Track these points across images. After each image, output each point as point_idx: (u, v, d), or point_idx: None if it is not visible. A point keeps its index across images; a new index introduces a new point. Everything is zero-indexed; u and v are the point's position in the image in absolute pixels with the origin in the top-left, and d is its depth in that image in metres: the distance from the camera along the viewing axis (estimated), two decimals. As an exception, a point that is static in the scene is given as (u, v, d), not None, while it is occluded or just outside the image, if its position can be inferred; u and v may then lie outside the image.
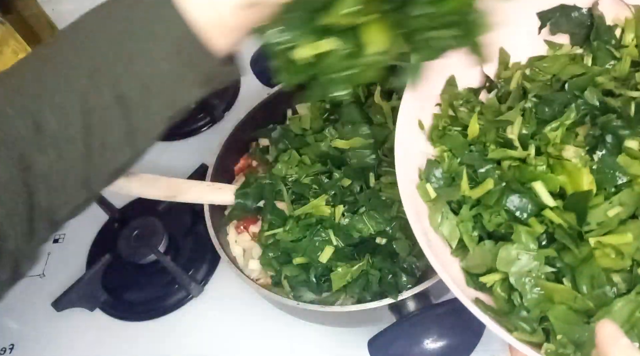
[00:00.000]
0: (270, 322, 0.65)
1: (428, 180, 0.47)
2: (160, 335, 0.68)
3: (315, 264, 0.55)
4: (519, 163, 0.45)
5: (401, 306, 0.51)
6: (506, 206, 0.43)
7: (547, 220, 0.42)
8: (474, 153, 0.47)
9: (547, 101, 0.48)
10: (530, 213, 0.42)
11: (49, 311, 0.69)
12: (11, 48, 0.95)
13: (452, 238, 0.44)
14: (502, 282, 0.42)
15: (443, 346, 0.47)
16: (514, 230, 0.42)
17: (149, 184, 0.60)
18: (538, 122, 0.47)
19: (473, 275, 0.43)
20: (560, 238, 0.41)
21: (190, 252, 0.73)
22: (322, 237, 0.56)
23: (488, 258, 0.42)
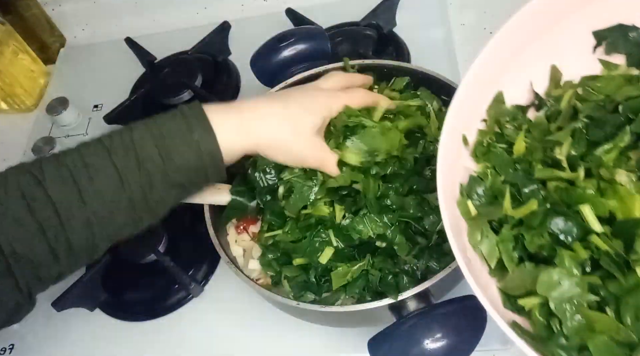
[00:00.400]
0: (270, 322, 0.65)
1: (469, 196, 0.45)
2: (160, 335, 0.68)
3: (315, 265, 0.55)
4: (566, 185, 0.43)
5: (401, 306, 0.51)
6: (550, 228, 0.41)
7: (593, 245, 0.40)
8: (518, 172, 0.45)
9: (600, 122, 0.45)
10: (575, 238, 0.40)
11: (49, 311, 0.69)
12: (11, 48, 0.95)
13: (491, 258, 0.43)
14: (542, 307, 0.40)
15: (443, 346, 0.47)
16: (557, 253, 0.40)
17: None
18: (588, 144, 0.45)
19: (511, 297, 0.42)
20: (606, 265, 0.39)
21: (190, 252, 0.73)
22: (322, 237, 0.55)
23: (528, 280, 0.40)
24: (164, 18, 1.03)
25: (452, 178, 0.46)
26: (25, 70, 0.97)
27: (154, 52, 0.96)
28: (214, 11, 1.01)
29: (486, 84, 0.48)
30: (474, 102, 0.47)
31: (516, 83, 0.50)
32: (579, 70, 0.51)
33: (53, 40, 1.07)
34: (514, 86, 0.50)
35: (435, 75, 0.64)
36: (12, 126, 0.97)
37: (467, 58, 0.82)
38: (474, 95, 0.47)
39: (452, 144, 0.46)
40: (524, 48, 0.50)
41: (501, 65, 0.49)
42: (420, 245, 0.54)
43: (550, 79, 0.52)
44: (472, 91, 0.47)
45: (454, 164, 0.46)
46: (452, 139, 0.46)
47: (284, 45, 0.69)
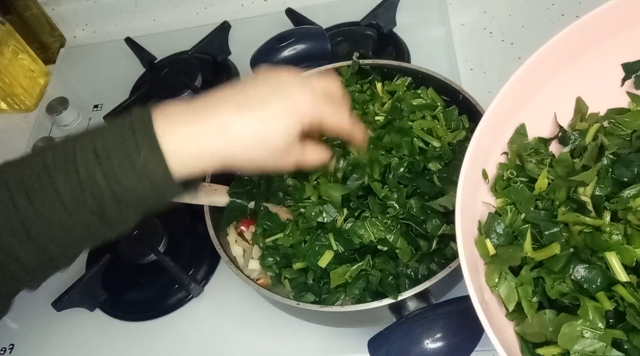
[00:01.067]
0: (270, 322, 0.65)
1: (488, 235, 0.44)
2: (160, 335, 0.68)
3: (314, 268, 0.55)
4: (591, 229, 0.41)
5: (401, 306, 0.51)
6: (573, 275, 0.39)
7: (618, 296, 0.38)
8: (540, 211, 0.44)
9: (626, 161, 0.43)
10: (600, 287, 0.39)
11: (49, 311, 0.69)
12: (11, 48, 0.95)
13: (510, 301, 0.41)
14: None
15: (443, 346, 0.47)
16: (580, 302, 0.38)
17: None
18: (614, 183, 0.43)
19: (529, 343, 0.40)
20: (631, 319, 0.37)
21: (190, 252, 0.73)
22: (322, 241, 0.55)
23: (548, 328, 0.39)
24: (164, 18, 1.03)
25: (470, 214, 0.44)
26: (25, 70, 0.97)
27: (154, 52, 0.96)
28: (214, 11, 1.01)
29: (509, 115, 0.47)
30: (495, 134, 0.46)
31: (539, 115, 0.49)
32: (605, 103, 0.49)
33: (53, 40, 1.07)
34: (536, 118, 0.49)
35: (435, 75, 0.64)
36: (12, 126, 0.97)
37: (467, 58, 0.82)
38: (495, 127, 0.45)
39: (472, 179, 0.44)
40: (549, 78, 0.48)
41: (525, 95, 0.48)
42: (422, 251, 0.54)
43: (575, 111, 0.50)
44: (495, 122, 0.45)
45: (472, 200, 0.45)
46: (472, 173, 0.44)
47: (284, 45, 0.69)
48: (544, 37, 0.78)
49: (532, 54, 0.46)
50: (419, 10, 0.90)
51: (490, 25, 0.85)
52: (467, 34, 0.85)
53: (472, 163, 0.44)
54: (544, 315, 0.40)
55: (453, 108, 0.62)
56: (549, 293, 0.40)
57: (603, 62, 0.49)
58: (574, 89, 0.50)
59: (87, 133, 0.43)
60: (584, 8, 0.81)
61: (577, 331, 0.37)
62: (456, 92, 0.62)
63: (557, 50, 0.47)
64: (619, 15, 0.47)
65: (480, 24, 0.85)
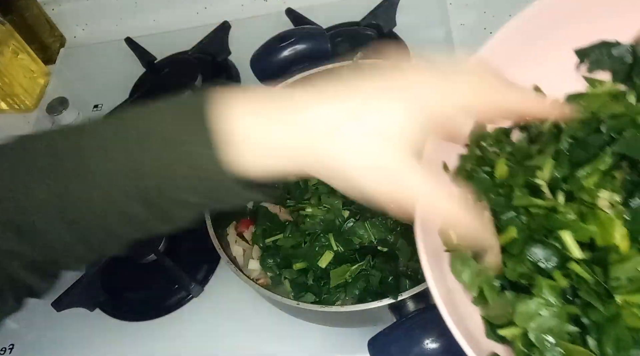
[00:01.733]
0: (270, 322, 0.65)
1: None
2: (160, 335, 0.68)
3: (314, 268, 0.55)
4: (545, 210, 0.41)
5: (401, 306, 0.51)
6: (529, 256, 0.40)
7: (573, 273, 0.38)
8: (499, 198, 0.43)
9: (583, 144, 0.43)
10: (556, 265, 0.39)
11: (49, 311, 0.69)
12: (11, 48, 0.95)
13: (472, 287, 0.41)
14: (523, 337, 0.38)
15: (443, 346, 0.47)
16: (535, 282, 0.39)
17: None
18: (572, 165, 0.43)
19: (494, 326, 0.40)
20: (585, 294, 0.37)
21: (190, 252, 0.73)
22: (322, 242, 0.55)
23: (508, 309, 0.39)
24: (164, 18, 1.03)
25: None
26: (25, 70, 0.97)
27: (154, 52, 0.96)
28: (214, 11, 1.01)
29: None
30: (454, 126, 0.44)
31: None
32: (565, 90, 0.49)
33: (53, 40, 1.07)
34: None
35: (435, 75, 0.64)
36: (12, 126, 0.97)
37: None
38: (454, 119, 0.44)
39: (432, 172, 0.43)
40: (504, 69, 0.46)
41: None
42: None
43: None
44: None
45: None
46: (432, 167, 0.43)
47: (284, 45, 0.69)
48: (544, 37, 0.77)
49: (484, 45, 0.47)
50: (419, 10, 0.90)
51: (490, 25, 0.85)
52: (467, 34, 0.85)
53: (432, 155, 0.41)
54: (504, 297, 0.40)
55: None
56: (508, 276, 0.40)
57: (558, 49, 0.49)
58: (531, 77, 0.49)
59: (126, 117, 0.37)
60: (584, 8, 0.82)
61: (533, 309, 0.38)
62: (456, 92, 0.62)
63: (511, 39, 0.47)
64: (570, 5, 0.48)
65: (480, 24, 0.85)
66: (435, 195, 0.34)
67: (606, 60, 0.49)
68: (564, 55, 0.50)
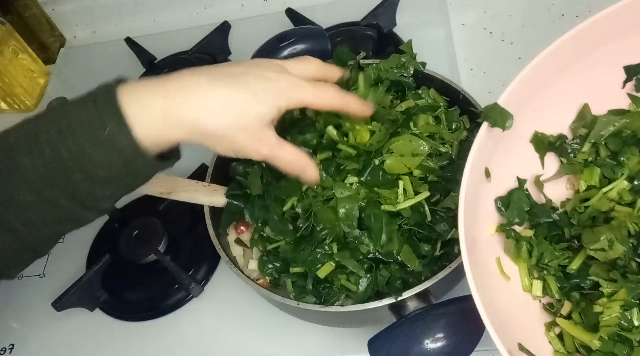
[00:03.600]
0: (270, 322, 0.65)
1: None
2: (160, 335, 0.68)
3: (312, 275, 0.54)
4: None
5: (401, 306, 0.51)
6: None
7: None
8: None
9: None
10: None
11: (49, 311, 0.69)
12: (11, 48, 0.95)
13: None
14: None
15: (443, 346, 0.47)
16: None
17: None
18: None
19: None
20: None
21: (190, 252, 0.73)
22: (325, 249, 0.54)
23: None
24: (164, 18, 1.03)
25: (472, 205, 0.46)
26: (25, 70, 0.97)
27: (154, 52, 0.96)
28: (214, 11, 1.01)
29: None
30: (498, 133, 0.47)
31: (542, 115, 0.51)
32: (606, 105, 0.51)
33: (53, 40, 1.07)
34: (539, 119, 0.51)
35: (435, 75, 0.64)
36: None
37: (467, 58, 0.82)
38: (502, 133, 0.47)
39: (475, 174, 0.46)
40: (552, 80, 0.49)
41: (528, 96, 0.49)
42: (427, 259, 0.53)
43: (578, 116, 0.52)
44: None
45: (475, 192, 0.46)
46: (476, 169, 0.45)
47: (284, 45, 0.69)
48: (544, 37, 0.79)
49: (535, 56, 0.47)
50: (419, 10, 0.90)
51: (490, 25, 0.85)
52: (467, 34, 0.85)
53: (476, 160, 0.45)
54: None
55: (455, 109, 0.62)
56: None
57: (605, 64, 0.50)
58: (576, 90, 0.51)
59: (50, 112, 0.42)
60: (583, 8, 0.82)
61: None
62: (456, 92, 0.62)
63: (561, 52, 0.48)
64: (620, 20, 0.48)
65: (480, 24, 0.85)
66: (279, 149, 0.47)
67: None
68: (612, 71, 0.51)
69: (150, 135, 0.41)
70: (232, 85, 0.43)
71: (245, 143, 0.45)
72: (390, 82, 0.63)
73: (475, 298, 0.38)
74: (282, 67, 0.48)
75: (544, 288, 0.47)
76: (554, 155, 0.53)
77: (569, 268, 0.46)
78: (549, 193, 0.52)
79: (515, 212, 0.49)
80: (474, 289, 0.39)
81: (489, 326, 0.37)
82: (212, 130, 0.43)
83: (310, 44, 0.70)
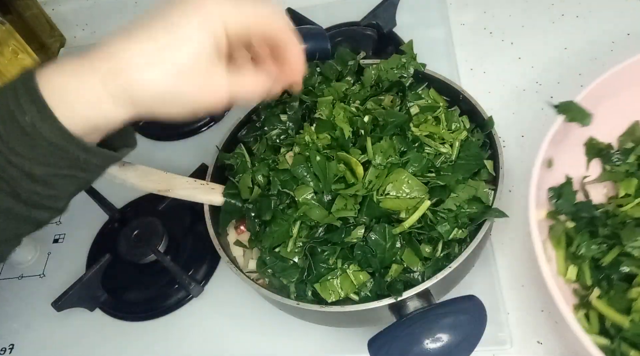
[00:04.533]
0: (270, 322, 0.65)
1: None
2: (160, 335, 0.68)
3: (311, 287, 0.54)
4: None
5: (401, 306, 0.51)
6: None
7: None
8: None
9: None
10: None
11: (49, 311, 0.69)
12: (11, 48, 0.95)
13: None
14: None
15: (443, 346, 0.47)
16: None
17: (143, 175, 0.59)
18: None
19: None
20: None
21: (190, 252, 0.73)
22: (329, 265, 0.53)
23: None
24: (164, 18, 1.03)
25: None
26: (25, 70, 0.97)
27: (154, 52, 0.95)
28: (214, 11, 1.01)
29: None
30: (565, 129, 0.54)
31: (598, 123, 0.57)
32: None
33: (53, 40, 1.06)
34: (595, 125, 0.57)
35: (435, 75, 0.64)
36: (12, 126, 0.97)
37: (467, 58, 0.82)
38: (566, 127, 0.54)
39: (541, 164, 0.52)
40: (614, 94, 0.57)
41: (594, 103, 0.56)
42: (430, 261, 0.53)
43: (628, 131, 0.60)
44: (566, 124, 0.54)
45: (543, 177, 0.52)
46: (544, 159, 0.52)
47: (284, 45, 0.69)
48: (544, 37, 0.79)
49: (599, 76, 0.56)
50: (419, 10, 0.90)
51: (490, 25, 0.85)
52: (467, 34, 0.85)
53: (548, 148, 0.52)
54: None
55: (455, 110, 0.62)
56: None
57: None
58: (631, 108, 0.59)
59: None
60: (583, 8, 0.82)
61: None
62: (456, 92, 0.62)
63: (633, 68, 0.56)
64: None
65: (480, 24, 0.85)
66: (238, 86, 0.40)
67: None
68: None
69: (83, 119, 0.36)
70: (158, 39, 0.37)
71: (196, 95, 0.38)
72: (391, 82, 0.63)
73: (541, 263, 0.46)
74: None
75: (577, 274, 0.52)
76: (598, 161, 0.60)
77: (602, 260, 0.52)
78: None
79: (565, 203, 0.55)
80: (541, 257, 0.46)
81: (553, 287, 0.44)
82: (159, 100, 0.37)
83: (310, 44, 0.70)
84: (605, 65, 0.56)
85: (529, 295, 0.60)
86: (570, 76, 0.75)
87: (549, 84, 0.75)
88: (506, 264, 0.63)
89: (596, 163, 0.61)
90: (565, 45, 0.79)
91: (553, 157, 0.56)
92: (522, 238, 0.64)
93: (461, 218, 0.53)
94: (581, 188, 0.59)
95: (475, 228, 0.53)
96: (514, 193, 0.67)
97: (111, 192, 0.77)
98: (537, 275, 0.47)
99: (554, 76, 0.76)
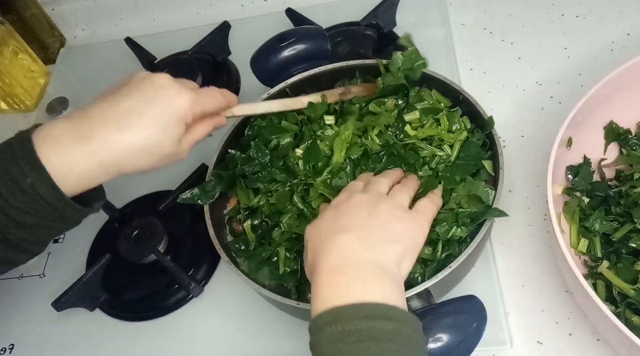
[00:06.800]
0: (270, 322, 0.65)
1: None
2: (160, 335, 0.68)
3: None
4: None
5: (401, 306, 0.51)
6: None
7: None
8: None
9: None
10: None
11: (49, 311, 0.69)
12: (11, 48, 0.95)
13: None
14: None
15: (443, 346, 0.47)
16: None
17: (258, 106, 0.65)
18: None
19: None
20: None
21: (190, 252, 0.73)
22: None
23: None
24: (164, 18, 1.03)
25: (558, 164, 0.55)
26: (25, 70, 0.97)
27: (154, 52, 0.96)
28: (214, 11, 1.01)
29: (599, 103, 0.59)
30: (589, 109, 0.56)
31: (618, 108, 0.61)
32: None
33: (53, 40, 1.07)
34: (616, 110, 0.61)
35: (435, 75, 0.64)
36: (12, 126, 0.97)
37: (467, 58, 0.82)
38: (590, 106, 0.57)
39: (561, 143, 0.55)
40: (636, 83, 0.60)
41: (616, 89, 0.59)
42: (430, 264, 0.53)
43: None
44: (587, 107, 0.57)
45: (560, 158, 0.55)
46: (563, 137, 0.55)
47: (284, 45, 0.69)
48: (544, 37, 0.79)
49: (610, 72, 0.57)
50: (419, 10, 0.90)
51: (490, 25, 0.85)
52: (467, 34, 0.85)
53: (568, 127, 0.55)
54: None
55: (457, 110, 0.62)
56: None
57: None
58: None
59: None
60: (583, 8, 0.82)
61: None
62: (456, 92, 0.62)
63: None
64: None
65: (480, 24, 0.85)
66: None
67: None
68: None
69: (76, 185, 0.46)
70: (139, 131, 0.47)
71: (170, 159, 0.50)
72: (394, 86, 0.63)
73: (557, 232, 0.49)
74: (180, 84, 0.50)
75: (588, 247, 0.56)
76: (615, 145, 0.63)
77: (613, 236, 0.56)
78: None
79: (582, 181, 0.59)
80: (557, 227, 0.50)
81: (567, 254, 0.47)
82: (138, 168, 0.49)
83: (310, 44, 0.70)
84: (605, 65, 0.56)
85: (529, 295, 0.61)
86: (570, 76, 0.75)
87: (549, 84, 0.76)
88: (506, 264, 0.63)
89: (614, 146, 0.64)
90: (565, 45, 0.79)
91: (572, 137, 0.59)
92: (522, 238, 0.64)
93: (461, 217, 0.53)
94: (598, 169, 0.62)
95: (475, 228, 0.54)
96: (514, 193, 0.67)
97: (111, 192, 0.76)
98: (550, 248, 0.52)
99: (554, 76, 0.76)
